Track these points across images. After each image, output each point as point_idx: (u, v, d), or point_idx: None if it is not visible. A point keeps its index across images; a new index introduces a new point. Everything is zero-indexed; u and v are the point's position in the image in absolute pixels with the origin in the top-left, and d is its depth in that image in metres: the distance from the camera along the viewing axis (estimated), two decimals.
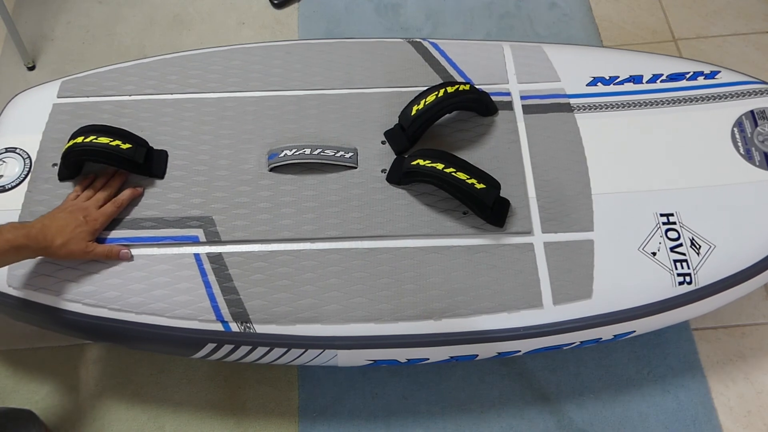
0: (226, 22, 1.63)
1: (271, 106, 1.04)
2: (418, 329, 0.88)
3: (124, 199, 0.93)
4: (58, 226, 0.85)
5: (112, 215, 0.92)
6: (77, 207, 0.90)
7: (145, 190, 0.96)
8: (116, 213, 0.93)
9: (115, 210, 0.92)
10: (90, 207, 0.91)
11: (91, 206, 0.91)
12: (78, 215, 0.88)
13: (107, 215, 0.91)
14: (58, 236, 0.84)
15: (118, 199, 0.93)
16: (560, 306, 0.89)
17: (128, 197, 0.94)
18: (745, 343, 1.17)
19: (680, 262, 0.91)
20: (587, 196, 0.96)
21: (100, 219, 0.90)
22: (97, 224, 0.90)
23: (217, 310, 0.88)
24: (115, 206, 0.92)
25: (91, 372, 1.16)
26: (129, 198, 0.94)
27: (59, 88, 1.06)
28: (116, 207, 0.92)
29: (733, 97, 1.04)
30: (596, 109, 1.04)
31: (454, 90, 0.98)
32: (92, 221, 0.89)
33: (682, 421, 1.10)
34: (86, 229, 0.88)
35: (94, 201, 0.92)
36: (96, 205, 0.91)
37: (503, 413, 1.11)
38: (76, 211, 0.89)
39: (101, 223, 0.90)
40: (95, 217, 0.90)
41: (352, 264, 0.91)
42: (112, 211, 0.92)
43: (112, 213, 0.92)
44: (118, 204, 0.93)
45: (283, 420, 1.12)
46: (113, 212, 0.92)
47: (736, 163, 0.99)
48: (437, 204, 0.95)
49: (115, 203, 0.92)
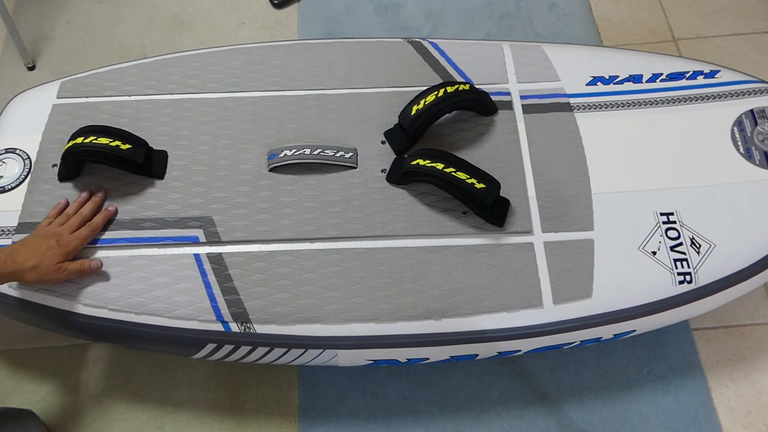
0: (226, 22, 1.63)
1: (271, 106, 1.04)
2: (418, 329, 0.88)
3: (98, 223, 0.92)
4: (29, 251, 0.84)
5: (86, 239, 0.90)
6: (50, 232, 0.88)
7: (144, 191, 0.96)
8: (91, 237, 0.91)
9: (89, 233, 0.90)
10: (63, 232, 0.89)
11: (64, 231, 0.89)
12: (50, 239, 0.86)
13: (81, 238, 0.89)
14: (29, 259, 0.83)
15: (92, 223, 0.91)
16: (560, 305, 0.89)
17: (102, 220, 0.92)
18: (745, 343, 1.17)
19: (680, 261, 0.91)
20: (587, 196, 0.96)
21: (74, 242, 0.88)
22: (70, 247, 0.87)
23: (217, 311, 0.88)
24: (90, 229, 0.90)
25: (91, 372, 1.16)
26: (103, 221, 0.92)
27: (59, 88, 1.06)
28: (91, 230, 0.90)
29: (732, 97, 1.04)
30: (596, 108, 1.04)
31: (454, 90, 0.98)
32: (65, 244, 0.87)
33: (682, 421, 1.09)
34: (59, 251, 0.86)
35: (67, 226, 0.89)
36: (69, 230, 0.89)
37: (503, 413, 1.11)
38: (48, 236, 0.87)
39: (74, 246, 0.88)
40: (68, 241, 0.87)
41: (352, 264, 0.91)
42: (86, 234, 0.90)
43: (86, 236, 0.90)
44: (92, 227, 0.91)
45: (283, 420, 1.12)
46: (88, 235, 0.90)
47: (736, 162, 0.99)
48: (437, 204, 0.95)
49: (89, 226, 0.91)
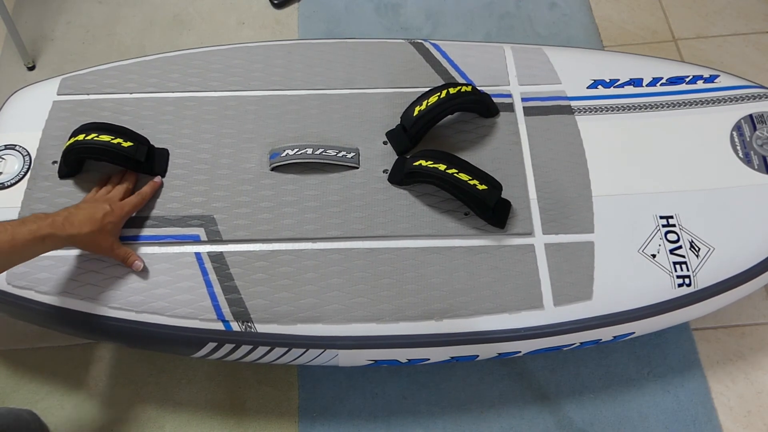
0: (226, 22, 1.63)
1: (273, 106, 1.04)
2: (419, 329, 0.88)
3: (147, 191, 0.93)
4: (85, 215, 0.84)
5: (137, 205, 0.92)
6: (101, 197, 0.90)
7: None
8: (141, 204, 0.93)
9: (139, 201, 0.92)
10: (114, 197, 0.90)
11: (115, 197, 0.91)
12: (104, 204, 0.87)
13: (132, 204, 0.91)
14: (87, 225, 0.83)
15: (141, 191, 0.93)
16: (561, 307, 0.89)
17: (150, 190, 0.94)
18: (745, 343, 1.17)
19: (680, 264, 0.91)
20: (588, 198, 0.96)
21: (126, 207, 0.90)
22: (123, 212, 0.89)
23: (218, 309, 0.88)
24: (140, 197, 0.92)
25: (92, 372, 1.16)
26: (151, 191, 0.94)
27: (59, 85, 1.06)
28: (140, 198, 0.92)
29: (732, 101, 1.05)
30: (597, 111, 1.04)
31: (456, 91, 0.98)
32: (118, 209, 0.88)
33: (682, 421, 1.10)
34: (113, 220, 0.86)
35: (116, 193, 0.92)
36: (119, 196, 0.91)
37: (503, 413, 1.11)
38: (101, 201, 0.88)
39: (127, 211, 0.90)
40: (121, 206, 0.89)
41: (353, 264, 0.91)
42: (137, 201, 0.92)
43: (137, 203, 0.92)
44: (142, 195, 0.93)
45: (283, 420, 1.12)
46: (138, 202, 0.92)
47: (735, 166, 0.99)
48: (439, 205, 0.95)
49: (139, 194, 0.93)
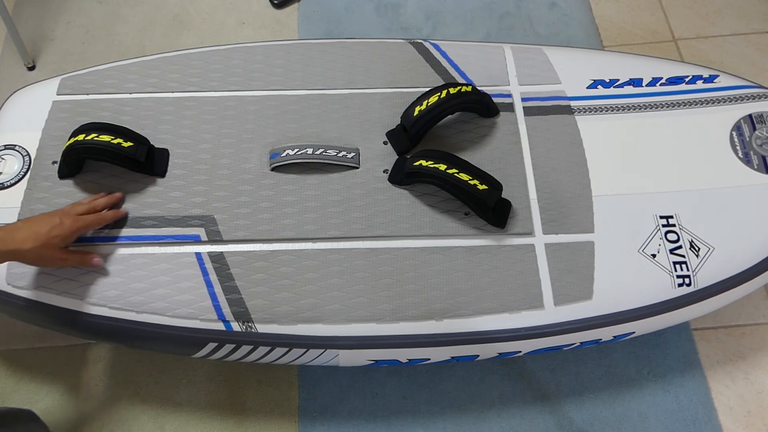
0: (226, 22, 1.63)
1: (273, 106, 1.04)
2: (419, 329, 0.88)
3: (107, 216, 0.91)
4: (30, 229, 0.82)
5: (90, 225, 0.89)
6: (57, 211, 0.88)
7: (146, 189, 0.96)
8: (95, 225, 0.90)
9: (95, 220, 0.89)
10: (69, 212, 0.88)
11: (71, 211, 0.88)
12: (54, 217, 0.85)
13: (86, 222, 0.88)
14: (29, 240, 0.81)
15: (101, 213, 0.91)
16: (561, 307, 0.89)
17: (112, 216, 0.92)
18: (745, 343, 1.17)
19: (680, 264, 0.91)
20: (588, 198, 0.96)
21: (79, 223, 0.87)
22: (73, 227, 0.86)
23: (219, 310, 0.88)
24: (97, 218, 0.90)
25: (91, 372, 1.16)
26: (113, 217, 0.92)
27: (59, 85, 1.06)
28: (97, 219, 0.90)
29: (731, 101, 1.05)
30: (597, 111, 1.04)
31: (457, 91, 0.98)
32: (68, 224, 0.85)
33: (682, 421, 1.10)
34: (60, 234, 0.84)
35: (76, 208, 0.89)
36: (76, 212, 0.88)
37: (503, 413, 1.11)
38: (54, 214, 0.86)
39: (79, 227, 0.87)
40: (72, 221, 0.86)
41: (353, 264, 0.91)
42: (92, 220, 0.89)
43: (90, 222, 0.89)
44: (100, 217, 0.90)
45: (283, 420, 1.12)
46: (93, 222, 0.89)
47: (734, 166, 0.99)
48: (439, 205, 0.95)
49: (97, 216, 0.90)
